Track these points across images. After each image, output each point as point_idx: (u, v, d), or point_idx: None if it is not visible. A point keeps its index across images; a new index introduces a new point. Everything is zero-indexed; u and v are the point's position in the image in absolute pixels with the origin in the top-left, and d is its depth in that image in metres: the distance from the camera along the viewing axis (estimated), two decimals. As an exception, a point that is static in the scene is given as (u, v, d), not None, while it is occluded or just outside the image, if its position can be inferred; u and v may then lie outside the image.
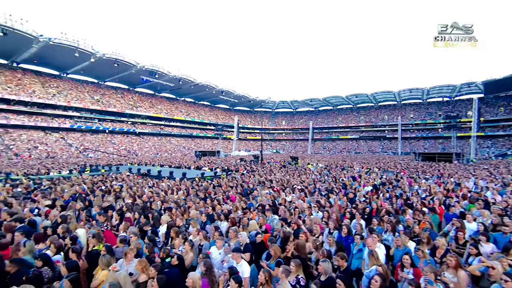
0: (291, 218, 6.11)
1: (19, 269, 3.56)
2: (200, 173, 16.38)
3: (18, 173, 15.51)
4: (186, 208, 6.95)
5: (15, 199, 7.82)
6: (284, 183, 11.97)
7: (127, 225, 5.44)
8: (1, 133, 38.84)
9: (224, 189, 10.62)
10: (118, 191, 9.40)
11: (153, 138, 59.90)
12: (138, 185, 11.30)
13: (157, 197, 8.53)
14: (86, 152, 42.90)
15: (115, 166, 21.91)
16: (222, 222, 6.04)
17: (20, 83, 44.29)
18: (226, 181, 12.61)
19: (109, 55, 46.57)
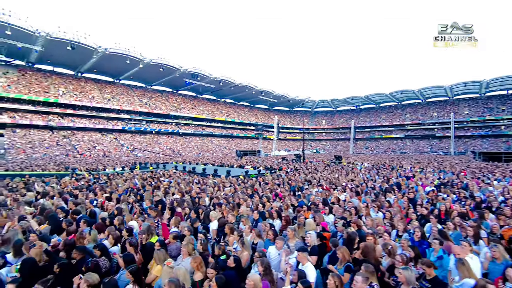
0: (351, 218, 5.70)
1: (83, 256, 3.72)
2: (244, 171, 16.80)
3: (81, 169, 17.49)
4: (235, 204, 6.93)
5: (79, 191, 8.84)
6: (333, 182, 11.60)
7: (177, 220, 5.48)
8: (69, 135, 44.31)
9: (271, 187, 10.52)
10: (167, 187, 9.97)
11: (195, 139, 62.70)
12: (185, 181, 11.76)
13: (204, 193, 8.70)
14: (135, 151, 46.49)
15: (162, 164, 23.44)
16: (275, 220, 5.79)
17: (83, 90, 49.83)
18: (271, 179, 12.58)
19: (155, 60, 49.86)
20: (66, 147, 40.79)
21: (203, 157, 45.33)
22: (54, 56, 44.54)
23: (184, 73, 55.04)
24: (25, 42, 38.14)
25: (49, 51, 41.79)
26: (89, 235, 4.43)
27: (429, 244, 4.28)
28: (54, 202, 7.10)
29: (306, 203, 7.45)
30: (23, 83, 43.43)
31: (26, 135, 39.96)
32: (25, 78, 44.85)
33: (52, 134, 42.85)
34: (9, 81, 42.22)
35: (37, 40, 38.90)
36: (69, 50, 40.38)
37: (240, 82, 64.21)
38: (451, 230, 4.84)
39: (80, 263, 3.59)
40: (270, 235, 4.56)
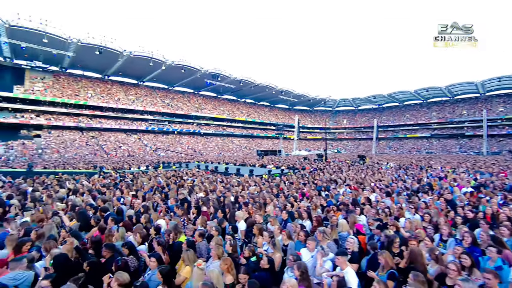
0: (386, 219, 5.32)
1: (112, 254, 3.72)
2: (267, 170, 16.90)
3: (108, 167, 18.35)
4: (262, 204, 6.80)
5: (107, 188, 9.19)
6: (360, 182, 11.24)
7: (204, 219, 5.37)
8: (97, 135, 46.62)
9: (296, 186, 10.34)
10: (190, 185, 10.12)
11: (216, 139, 63.63)
12: (208, 180, 11.84)
13: (229, 192, 8.63)
14: (158, 151, 47.95)
15: (184, 163, 24.07)
16: (305, 221, 5.56)
17: (109, 93, 52.19)
18: (295, 178, 12.44)
19: (177, 62, 51.11)
20: (94, 147, 42.88)
21: (224, 156, 45.90)
22: (84, 61, 47.03)
23: (205, 74, 55.98)
24: (59, 48, 40.61)
25: (80, 56, 44.14)
26: (117, 233, 4.51)
27: (482, 251, 3.89)
28: (84, 199, 7.40)
29: (334, 203, 7.26)
30: (57, 87, 46.26)
31: (59, 136, 42.51)
32: (59, 82, 47.74)
33: (82, 135, 45.26)
34: (46, 86, 45.16)
35: (70, 47, 41.21)
36: (97, 55, 42.40)
37: (260, 82, 64.38)
38: (506, 237, 4.27)
39: (109, 261, 3.60)
40: (302, 236, 4.35)
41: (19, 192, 8.80)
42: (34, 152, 36.35)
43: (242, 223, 5.41)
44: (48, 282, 2.82)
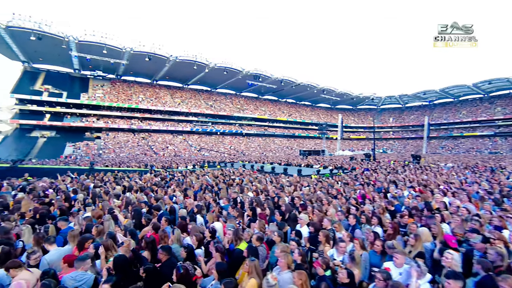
0: (481, 230, 4.43)
1: (168, 258, 3.50)
2: (315, 170, 16.43)
3: (158, 166, 19.40)
4: (321, 206, 6.27)
5: (158, 186, 9.40)
6: (424, 184, 9.98)
7: (262, 223, 4.90)
8: (147, 136, 50.06)
9: (351, 187, 9.64)
10: (239, 184, 9.98)
11: (258, 139, 64.10)
12: (257, 179, 11.50)
13: (283, 192, 8.16)
14: (202, 151, 49.75)
15: (229, 163, 24.50)
16: (375, 227, 4.86)
17: (157, 96, 55.68)
18: (348, 179, 11.72)
19: (219, 64, 52.54)
20: (145, 147, 46.03)
21: (266, 156, 45.99)
22: (135, 68, 50.91)
23: (246, 75, 56.70)
24: (115, 58, 44.68)
25: (132, 64, 47.87)
26: (173, 235, 4.30)
27: None
28: (138, 196, 7.52)
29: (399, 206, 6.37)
30: (114, 93, 50.85)
31: (115, 137, 46.56)
32: (115, 88, 52.42)
33: (134, 136, 48.97)
34: (104, 92, 50.09)
35: (124, 55, 44.90)
36: (147, 61, 45.55)
37: (301, 81, 63.31)
38: None
39: (166, 266, 3.38)
40: (378, 246, 3.70)
41: (83, 188, 9.41)
42: (95, 152, 40.25)
43: (305, 228, 4.88)
44: (109, 286, 2.72)
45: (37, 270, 3.23)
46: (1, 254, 3.14)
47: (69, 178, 12.18)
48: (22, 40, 38.72)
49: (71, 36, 39.90)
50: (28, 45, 40.25)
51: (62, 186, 9.67)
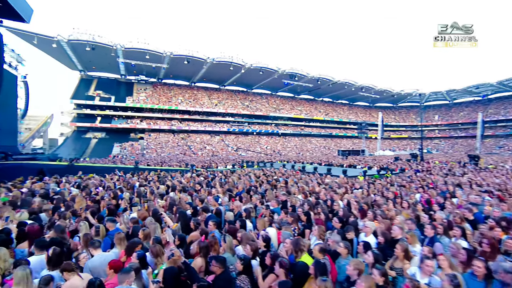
0: None
1: (223, 271, 3.07)
2: (362, 171, 15.58)
3: (198, 166, 19.83)
4: (384, 212, 5.46)
5: (201, 186, 9.20)
6: (500, 188, 8.65)
7: (322, 229, 4.27)
8: (186, 137, 51.93)
9: (407, 190, 8.69)
10: (283, 185, 9.42)
11: (294, 139, 63.22)
12: (302, 180, 10.81)
13: (336, 195, 7.44)
14: (239, 151, 50.29)
15: (269, 163, 24.23)
16: (458, 239, 4.06)
17: (195, 98, 57.54)
18: (402, 181, 10.58)
19: (255, 64, 52.69)
20: (184, 147, 47.77)
21: (303, 156, 45.15)
22: (175, 71, 53.13)
23: (282, 74, 56.17)
24: (157, 62, 46.99)
25: (172, 67, 50.10)
26: (224, 243, 3.82)
27: None
28: (182, 197, 7.25)
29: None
30: (155, 96, 53.68)
31: (156, 138, 49.03)
32: (156, 91, 55.27)
33: (173, 137, 51.12)
34: (147, 95, 53.07)
35: (164, 59, 47.08)
36: (185, 64, 47.35)
37: (338, 79, 61.08)
38: None
39: (221, 280, 2.98)
40: (480, 269, 2.84)
41: (129, 186, 9.56)
42: (138, 152, 42.70)
43: (371, 238, 4.16)
44: None
45: (87, 275, 3.13)
46: (52, 255, 3.10)
47: (116, 176, 12.66)
48: (79, 51, 42.78)
49: (119, 44, 42.89)
50: (84, 55, 44.24)
51: (110, 184, 10.05)
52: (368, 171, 15.84)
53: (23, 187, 9.16)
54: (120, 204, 6.76)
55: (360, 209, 5.69)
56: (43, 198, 7.02)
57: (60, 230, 4.11)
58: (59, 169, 14.05)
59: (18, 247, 4.04)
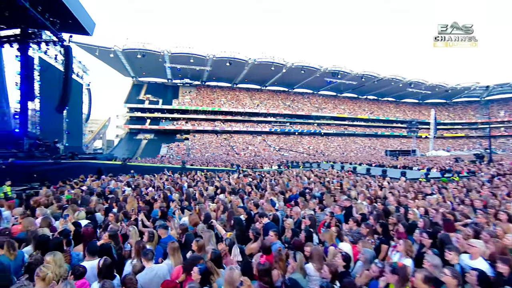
0: None
1: None
2: (423, 174, 14.13)
3: (243, 166, 19.72)
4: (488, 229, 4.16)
5: (251, 188, 8.56)
6: None
7: (408, 244, 3.43)
8: (228, 137, 52.88)
9: (497, 199, 6.97)
10: (338, 188, 8.54)
11: (337, 138, 60.78)
12: (360, 183, 9.64)
13: (412, 202, 6.29)
14: (281, 151, 49.73)
15: (314, 163, 23.39)
16: None
17: (237, 99, 58.39)
18: (478, 186, 8.90)
19: (296, 63, 51.75)
20: (227, 147, 48.62)
21: (348, 157, 43.13)
22: (217, 73, 54.49)
23: (324, 72, 54.40)
24: (200, 65, 48.81)
25: (214, 69, 51.42)
26: (294, 261, 3.11)
27: None
28: (232, 200, 6.64)
29: None
30: (199, 98, 55.69)
31: (200, 139, 50.69)
32: (200, 93, 57.29)
33: (217, 137, 52.34)
34: (191, 97, 55.39)
35: (207, 62, 48.61)
36: (227, 66, 48.28)
37: (384, 75, 57.24)
38: None
39: None
40: None
41: (178, 187, 9.25)
42: (184, 152, 44.43)
43: (480, 261, 3.14)
44: None
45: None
46: (103, 267, 2.89)
47: (165, 176, 12.72)
48: (131, 59, 46.24)
49: (165, 50, 45.27)
50: (135, 62, 47.68)
51: (159, 184, 9.97)
52: (431, 174, 14.19)
53: (84, 185, 9.59)
54: (169, 206, 6.47)
55: (445, 220, 4.48)
56: (99, 196, 7.24)
57: (112, 234, 3.95)
58: (114, 168, 14.77)
59: (74, 250, 3.96)
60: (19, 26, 16.47)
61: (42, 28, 16.77)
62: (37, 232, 3.96)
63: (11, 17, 14.76)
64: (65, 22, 16.86)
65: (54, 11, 15.44)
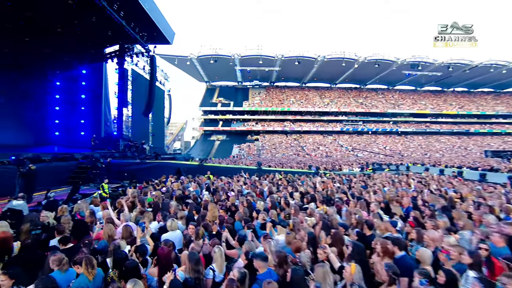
0: None
1: None
2: None
3: (320, 168, 19.04)
4: None
5: (345, 195, 7.42)
6: None
7: None
8: (298, 137, 52.33)
9: None
10: (458, 199, 7.02)
11: (417, 137, 54.41)
12: (478, 193, 7.60)
13: None
14: (354, 152, 47.01)
15: (400, 165, 21.39)
16: None
17: (306, 98, 57.35)
18: None
19: (369, 57, 48.06)
20: (297, 148, 48.09)
21: (433, 158, 38.35)
22: (286, 73, 54.46)
23: (401, 65, 49.25)
24: (269, 66, 49.59)
25: (283, 69, 51.56)
26: None
27: None
28: (328, 211, 5.60)
29: None
30: (268, 99, 56.58)
31: (270, 139, 51.35)
32: (269, 94, 58.17)
33: (286, 138, 52.27)
34: (261, 99, 56.68)
35: (276, 63, 49.02)
36: (296, 65, 47.90)
37: (479, 62, 48.74)
38: None
39: None
40: None
41: (259, 192, 8.40)
42: (255, 153, 45.58)
43: None
44: None
45: None
46: None
47: (242, 178, 11.98)
48: (205, 65, 49.78)
49: (236, 53, 47.27)
50: (208, 68, 51.15)
51: (237, 187, 9.28)
52: None
53: (165, 185, 9.71)
54: (252, 216, 5.55)
55: None
56: (179, 201, 6.67)
57: (194, 260, 3.20)
58: (191, 169, 15.27)
59: (149, 272, 3.57)
60: (118, 42, 19.23)
61: (134, 42, 19.13)
62: (116, 245, 3.81)
63: (112, 36, 17.11)
64: (150, 34, 18.92)
65: (142, 25, 17.39)
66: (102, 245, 4.03)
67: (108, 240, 4.11)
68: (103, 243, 4.06)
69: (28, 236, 4.33)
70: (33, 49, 17.02)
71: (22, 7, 12.62)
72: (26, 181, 9.20)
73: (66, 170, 13.45)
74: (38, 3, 12.61)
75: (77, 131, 22.07)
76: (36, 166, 9.68)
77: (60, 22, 14.61)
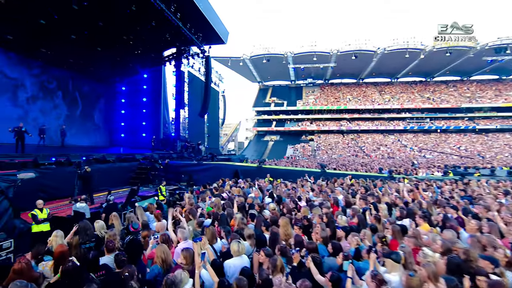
0: None
1: None
2: None
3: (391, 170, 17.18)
4: None
5: (455, 210, 5.96)
6: None
7: None
8: (355, 137, 49.34)
9: None
10: None
11: (503, 135, 46.67)
12: None
13: None
14: (422, 152, 42.35)
15: (486, 169, 18.33)
16: None
17: (364, 95, 53.91)
18: None
19: (439, 45, 42.93)
20: (354, 148, 45.29)
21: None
22: (341, 69, 51.70)
23: (482, 50, 42.30)
24: (324, 62, 47.86)
25: (338, 65, 49.03)
26: None
27: None
28: (445, 235, 4.04)
29: None
30: (323, 97, 54.69)
31: (326, 139, 49.37)
32: (324, 92, 56.21)
33: (343, 137, 49.66)
34: (315, 97, 55.12)
35: (331, 58, 46.97)
36: (352, 60, 45.06)
37: None
38: None
39: None
40: None
41: (334, 202, 7.17)
42: (309, 154, 44.21)
43: None
44: None
45: None
46: None
47: (308, 182, 10.57)
48: (258, 65, 50.13)
49: (288, 51, 46.62)
50: (261, 68, 51.43)
51: (305, 194, 8.16)
52: None
53: (223, 190, 8.79)
54: (335, 235, 4.47)
55: None
56: (241, 211, 5.73)
57: None
58: (249, 171, 14.69)
59: None
60: (175, 45, 20.27)
61: (190, 43, 19.97)
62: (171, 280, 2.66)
63: (170, 39, 18.08)
64: (205, 35, 19.52)
65: (198, 26, 18.02)
66: (154, 274, 3.19)
67: (161, 265, 3.26)
68: (155, 271, 3.22)
69: (77, 251, 3.73)
70: (104, 57, 18.82)
71: (94, 17, 13.60)
72: (83, 183, 9.61)
73: (128, 170, 14.30)
74: (106, 11, 13.56)
75: (139, 132, 23.63)
76: (91, 168, 9.92)
77: (124, 29, 15.94)
